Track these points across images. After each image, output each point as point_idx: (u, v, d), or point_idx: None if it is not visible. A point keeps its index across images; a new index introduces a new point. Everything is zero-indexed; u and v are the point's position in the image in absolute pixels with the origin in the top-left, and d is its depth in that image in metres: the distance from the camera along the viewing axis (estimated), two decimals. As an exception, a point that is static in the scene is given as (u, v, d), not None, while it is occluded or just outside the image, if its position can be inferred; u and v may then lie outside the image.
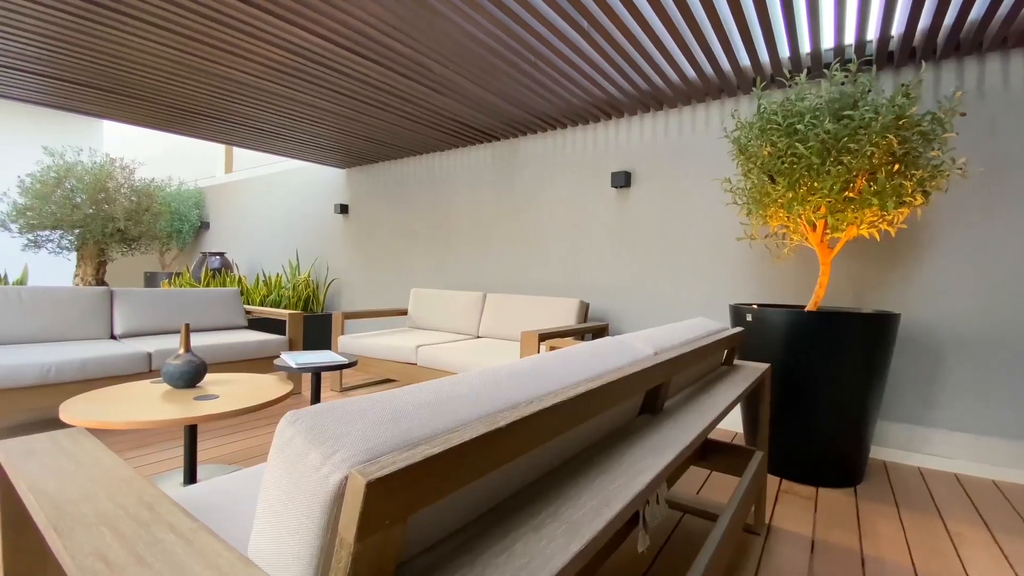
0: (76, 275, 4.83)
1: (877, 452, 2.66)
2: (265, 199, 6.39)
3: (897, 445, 2.62)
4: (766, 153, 2.28)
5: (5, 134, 5.58)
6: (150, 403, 1.80)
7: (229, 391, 2.01)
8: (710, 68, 2.72)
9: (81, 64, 2.89)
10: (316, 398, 2.60)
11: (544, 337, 2.73)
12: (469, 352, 3.18)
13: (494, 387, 0.74)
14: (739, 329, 1.90)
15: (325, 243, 5.67)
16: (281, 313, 3.73)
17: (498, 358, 3.09)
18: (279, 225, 6.19)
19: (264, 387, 2.09)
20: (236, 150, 7.37)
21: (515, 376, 0.81)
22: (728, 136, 2.64)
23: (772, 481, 2.31)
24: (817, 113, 2.14)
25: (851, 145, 2.03)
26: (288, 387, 2.10)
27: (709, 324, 1.80)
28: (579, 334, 3.14)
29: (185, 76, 3.03)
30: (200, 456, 2.45)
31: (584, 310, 3.46)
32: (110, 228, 4.70)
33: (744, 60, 2.64)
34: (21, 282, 4.06)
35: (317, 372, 2.49)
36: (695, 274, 3.24)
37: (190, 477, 1.96)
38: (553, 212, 3.90)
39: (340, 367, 2.50)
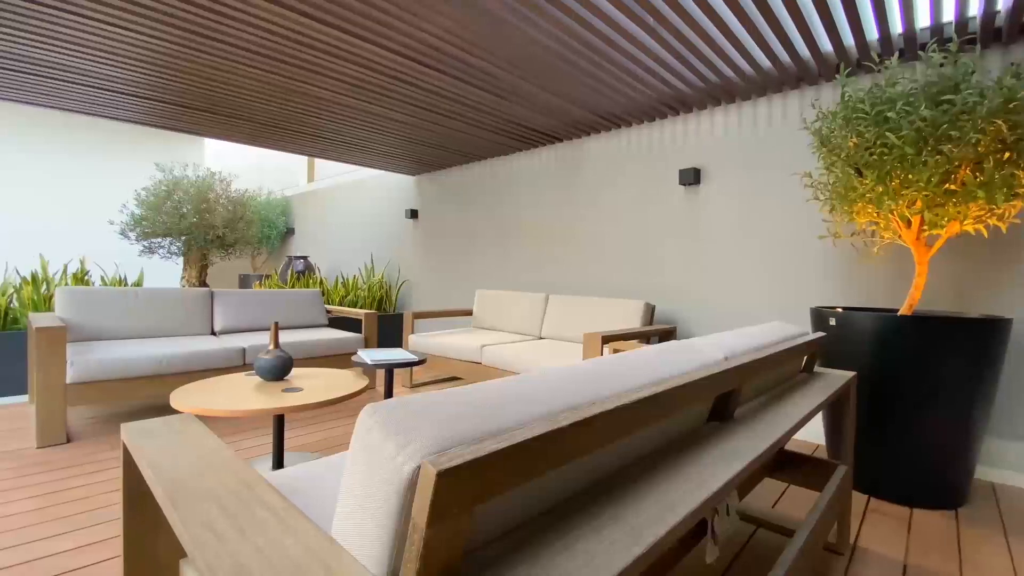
0: (182, 278, 5.40)
1: (984, 472, 2.38)
2: (343, 206, 6.80)
3: (1008, 465, 2.34)
4: (852, 144, 2.12)
5: (124, 153, 6.33)
6: (245, 394, 1.98)
7: (312, 384, 2.17)
8: (787, 56, 2.57)
9: (184, 87, 3.23)
10: (389, 393, 2.73)
11: (607, 339, 2.70)
12: (532, 353, 3.20)
13: (556, 388, 0.75)
14: (820, 334, 1.78)
15: (397, 246, 5.94)
16: (357, 313, 3.96)
17: (560, 359, 3.09)
18: (356, 230, 6.57)
19: (343, 381, 2.23)
20: (317, 161, 7.91)
21: (576, 377, 0.82)
22: (808, 128, 2.47)
23: (858, 499, 2.14)
24: (911, 99, 1.96)
25: (952, 133, 1.84)
26: (364, 382, 2.23)
27: (786, 328, 1.71)
28: (644, 337, 3.08)
29: (273, 95, 3.30)
30: (285, 444, 2.65)
31: (650, 312, 3.38)
32: (211, 235, 5.21)
33: (826, 46, 2.47)
34: (138, 284, 4.59)
35: (390, 368, 2.63)
36: (772, 276, 3.07)
37: (278, 462, 2.13)
38: (617, 212, 3.84)
39: (411, 364, 2.62)
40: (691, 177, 3.36)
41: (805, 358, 1.78)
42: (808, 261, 2.93)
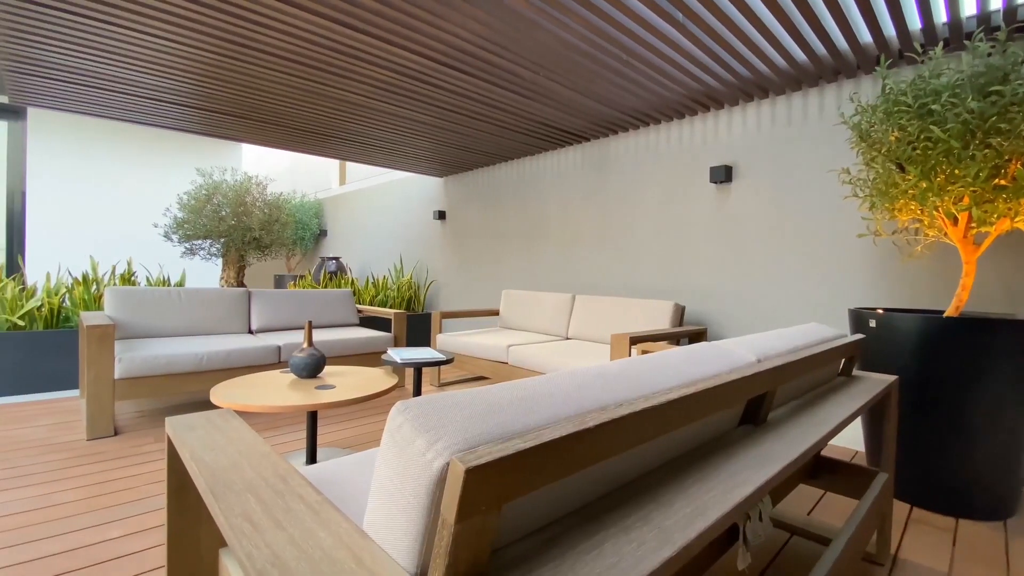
0: (221, 278, 5.60)
1: (1042, 484, 2.25)
2: (373, 208, 6.93)
3: (1070, 478, 2.20)
4: (893, 139, 2.04)
5: (167, 159, 6.62)
6: (280, 390, 2.04)
7: (344, 382, 2.22)
8: (823, 48, 2.49)
9: (223, 95, 3.35)
10: (417, 391, 2.77)
11: (635, 340, 2.67)
12: (558, 353, 3.20)
13: (583, 388, 0.75)
14: (859, 336, 1.72)
15: (425, 247, 6.02)
16: (387, 312, 4.03)
17: (587, 360, 3.08)
18: (385, 231, 6.68)
19: (373, 379, 2.28)
20: (349, 164, 8.09)
21: (604, 378, 0.82)
22: (846, 122, 2.39)
23: (900, 508, 2.05)
24: (957, 91, 1.87)
25: (1001, 125, 1.74)
26: (394, 380, 2.27)
27: (823, 330, 1.65)
28: (674, 338, 3.03)
29: (307, 100, 3.39)
30: (318, 439, 2.72)
31: (679, 313, 3.32)
32: (248, 237, 5.39)
33: (865, 36, 2.38)
34: (180, 284, 4.79)
35: (419, 367, 2.67)
36: (807, 276, 2.97)
37: (311, 457, 2.19)
38: (646, 211, 3.79)
39: (439, 363, 2.65)
40: (722, 175, 3.29)
41: (843, 361, 1.73)
42: (846, 260, 2.83)
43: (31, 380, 3.51)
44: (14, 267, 5.51)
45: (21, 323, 3.53)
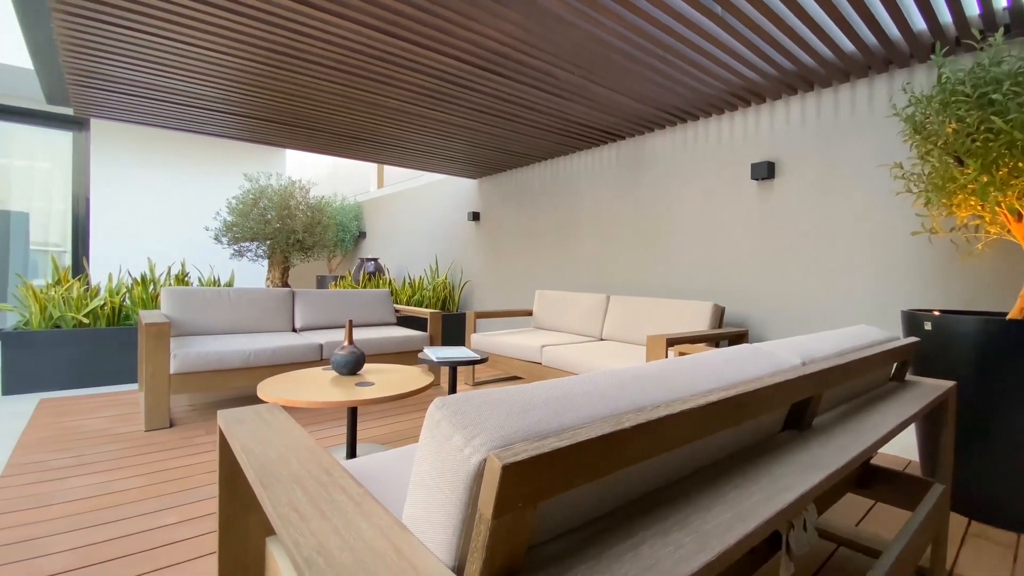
0: (267, 278, 5.84)
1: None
2: (410, 210, 7.06)
3: None
4: (950, 131, 1.92)
5: (215, 165, 6.95)
6: (323, 387, 2.11)
7: (383, 379, 2.28)
8: (873, 38, 2.38)
9: (269, 103, 3.49)
10: (452, 389, 2.81)
11: (672, 342, 2.62)
12: (592, 354, 3.17)
13: (618, 389, 0.75)
14: (913, 340, 1.64)
15: (460, 248, 6.09)
16: (423, 312, 4.10)
17: (622, 361, 3.04)
18: (422, 232, 6.80)
19: (410, 377, 2.33)
20: (386, 168, 8.27)
21: (640, 379, 0.81)
22: (899, 114, 2.27)
23: (957, 521, 1.94)
24: (1020, 78, 1.75)
25: (1077, 113, 1.62)
26: (430, 378, 2.31)
27: (872, 333, 1.58)
28: (712, 340, 2.95)
29: (347, 106, 3.49)
30: (357, 435, 2.80)
31: (719, 315, 3.23)
32: (292, 239, 5.60)
33: (918, 24, 2.26)
34: (229, 285, 5.03)
35: (454, 366, 2.70)
36: (856, 276, 2.84)
37: (351, 452, 2.26)
38: (683, 209, 3.72)
39: (473, 362, 2.68)
40: (764, 171, 3.19)
41: (895, 365, 1.64)
42: (899, 260, 2.69)
43: (95, 374, 3.76)
44: (79, 268, 5.90)
45: (86, 321, 3.78)
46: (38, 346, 3.57)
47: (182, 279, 4.63)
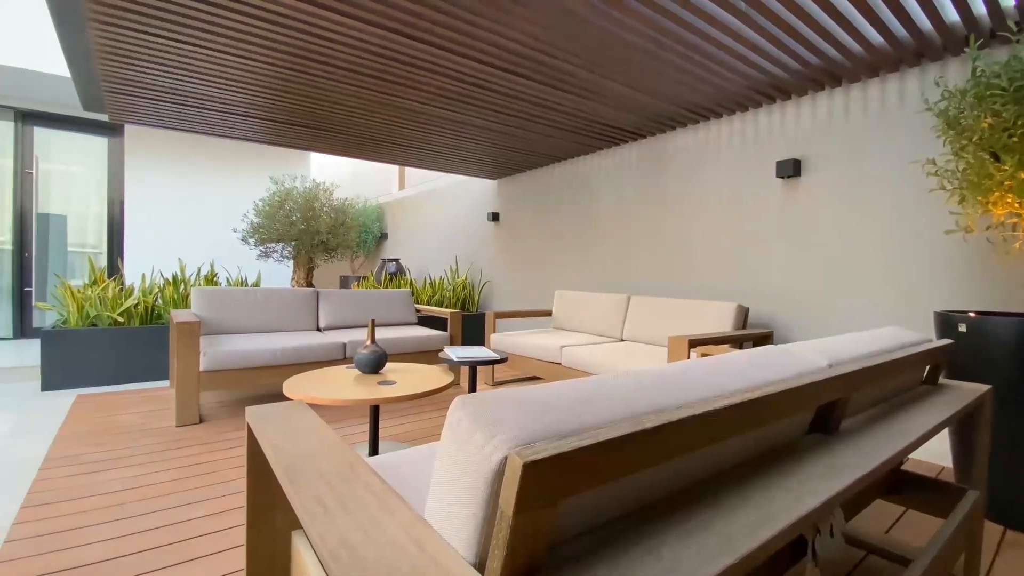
0: (292, 279, 5.96)
1: None
2: (430, 211, 7.13)
3: None
4: (986, 125, 1.86)
5: (243, 168, 7.12)
6: (346, 385, 2.15)
7: (404, 378, 2.31)
8: (903, 30, 2.31)
9: (294, 107, 3.57)
10: (473, 389, 2.83)
11: (695, 343, 2.59)
12: (612, 355, 3.15)
13: (639, 389, 0.75)
14: (946, 342, 1.58)
15: (479, 248, 6.12)
16: (443, 312, 4.13)
17: (643, 362, 3.01)
18: (442, 233, 6.86)
19: (431, 376, 2.35)
20: (408, 169, 8.36)
21: (662, 380, 0.81)
22: (931, 109, 2.20)
23: (992, 530, 1.87)
24: (1067, 70, 1.68)
25: (1125, 106, 1.55)
26: (450, 377, 2.33)
27: (903, 335, 1.54)
28: (736, 341, 2.90)
29: (370, 110, 3.54)
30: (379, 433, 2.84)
31: (743, 316, 3.18)
32: (316, 240, 5.71)
33: (951, 15, 2.18)
34: (256, 285, 5.15)
35: (474, 366, 2.72)
36: (886, 276, 2.76)
37: (373, 449, 2.29)
38: (707, 208, 3.66)
39: (493, 362, 2.69)
40: (790, 169, 3.12)
41: (927, 368, 1.60)
42: (931, 259, 2.60)
43: (128, 371, 3.89)
44: (114, 269, 6.12)
45: (120, 319, 3.92)
46: (75, 344, 3.71)
47: (211, 279, 4.76)
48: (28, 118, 5.60)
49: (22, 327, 5.56)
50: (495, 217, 5.78)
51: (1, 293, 5.47)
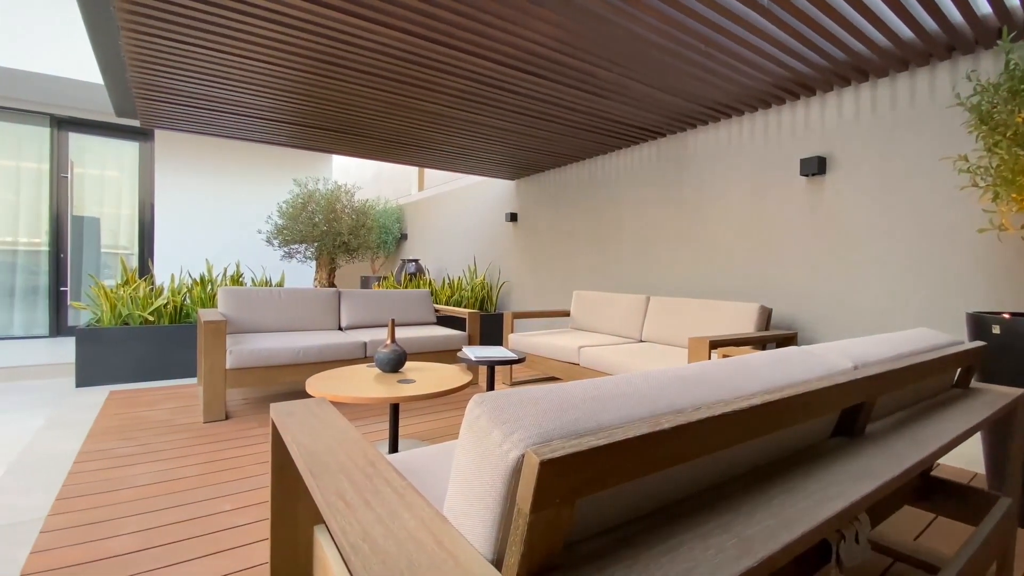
0: (315, 279, 6.07)
1: None
2: (449, 212, 7.18)
3: None
4: (1021, 120, 1.79)
5: (267, 171, 7.28)
6: (367, 383, 2.18)
7: (423, 377, 2.33)
8: (933, 23, 2.24)
9: (317, 111, 3.63)
10: (491, 388, 2.84)
11: (716, 344, 2.55)
12: (631, 355, 3.13)
13: (657, 390, 0.75)
14: (979, 344, 1.54)
15: (497, 249, 6.13)
16: (462, 312, 4.16)
17: (662, 363, 2.98)
18: (460, 234, 6.90)
19: (450, 375, 2.37)
20: (427, 170, 8.44)
21: (681, 381, 0.80)
22: (963, 103, 2.13)
23: (1031, 539, 1.80)
24: (1110, 61, 1.61)
25: None
26: (469, 377, 2.35)
27: (932, 336, 1.50)
28: (759, 343, 2.85)
29: (390, 112, 3.59)
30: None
31: (766, 317, 3.12)
32: (338, 241, 5.81)
33: (983, 7, 2.11)
34: (280, 285, 5.26)
35: (492, 365, 2.73)
36: (915, 276, 2.69)
37: (393, 446, 2.32)
38: (727, 207, 3.61)
39: (511, 362, 2.70)
40: (815, 167, 3.06)
41: (958, 371, 1.55)
42: (963, 259, 2.52)
43: (158, 368, 4.02)
44: (145, 270, 6.31)
45: (151, 318, 4.04)
46: (108, 342, 3.84)
47: (237, 279, 4.88)
48: (63, 124, 5.82)
49: (58, 325, 5.78)
50: (513, 217, 5.79)
51: (38, 293, 5.69)
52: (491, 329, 5.54)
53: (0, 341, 5.33)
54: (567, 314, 4.52)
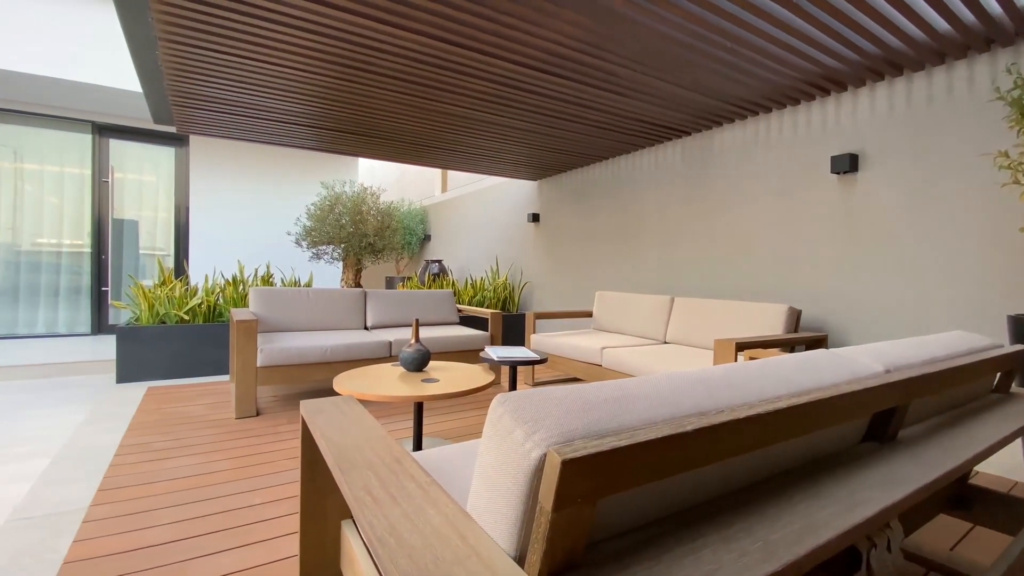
0: (342, 280, 6.20)
1: None
2: (472, 213, 7.23)
3: None
4: (1070, 115, 1.71)
5: (296, 174, 7.46)
6: (392, 382, 2.22)
7: (447, 376, 2.36)
8: (970, 15, 2.16)
9: (343, 115, 3.71)
10: (513, 388, 2.85)
11: (742, 346, 2.51)
12: (655, 357, 3.10)
13: (681, 391, 0.75)
14: (1020, 347, 1.48)
15: (520, 249, 6.15)
16: (484, 312, 4.18)
17: (686, 365, 2.95)
18: (483, 235, 6.94)
19: (472, 375, 2.40)
20: (450, 172, 8.51)
21: (705, 383, 0.80)
22: (1003, 98, 2.05)
23: (1081, 553, 1.72)
24: None
25: None
26: (491, 376, 2.37)
27: (970, 339, 1.44)
28: (787, 345, 2.79)
29: (414, 116, 3.64)
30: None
31: (794, 318, 3.05)
32: (364, 243, 5.91)
33: (1032, -4, 2.03)
34: (308, 285, 5.38)
35: (514, 365, 2.74)
36: (952, 277, 2.59)
37: (417, 444, 2.36)
38: (755, 206, 3.54)
39: (533, 362, 2.71)
40: (846, 164, 2.97)
41: (998, 375, 1.49)
42: (1003, 258, 2.42)
43: (193, 365, 4.16)
44: (180, 270, 6.54)
45: (186, 317, 4.19)
46: (146, 340, 4.00)
47: (267, 280, 5.01)
48: (104, 131, 6.08)
49: (99, 324, 6.04)
50: (535, 218, 5.79)
51: (81, 292, 5.96)
52: (513, 329, 5.56)
53: (45, 339, 5.60)
54: (589, 315, 4.50)
